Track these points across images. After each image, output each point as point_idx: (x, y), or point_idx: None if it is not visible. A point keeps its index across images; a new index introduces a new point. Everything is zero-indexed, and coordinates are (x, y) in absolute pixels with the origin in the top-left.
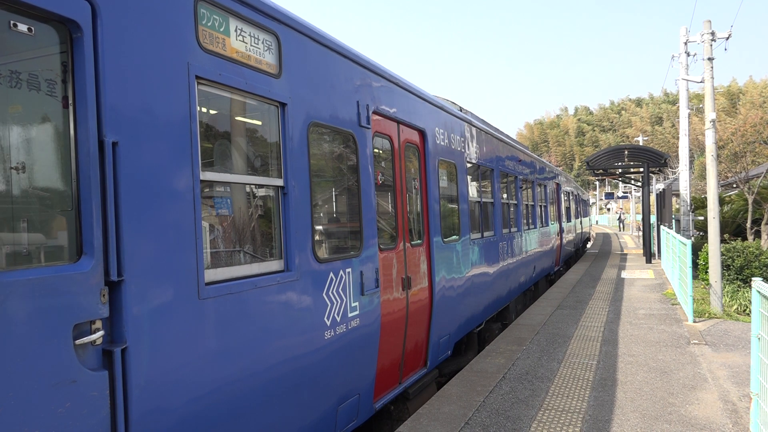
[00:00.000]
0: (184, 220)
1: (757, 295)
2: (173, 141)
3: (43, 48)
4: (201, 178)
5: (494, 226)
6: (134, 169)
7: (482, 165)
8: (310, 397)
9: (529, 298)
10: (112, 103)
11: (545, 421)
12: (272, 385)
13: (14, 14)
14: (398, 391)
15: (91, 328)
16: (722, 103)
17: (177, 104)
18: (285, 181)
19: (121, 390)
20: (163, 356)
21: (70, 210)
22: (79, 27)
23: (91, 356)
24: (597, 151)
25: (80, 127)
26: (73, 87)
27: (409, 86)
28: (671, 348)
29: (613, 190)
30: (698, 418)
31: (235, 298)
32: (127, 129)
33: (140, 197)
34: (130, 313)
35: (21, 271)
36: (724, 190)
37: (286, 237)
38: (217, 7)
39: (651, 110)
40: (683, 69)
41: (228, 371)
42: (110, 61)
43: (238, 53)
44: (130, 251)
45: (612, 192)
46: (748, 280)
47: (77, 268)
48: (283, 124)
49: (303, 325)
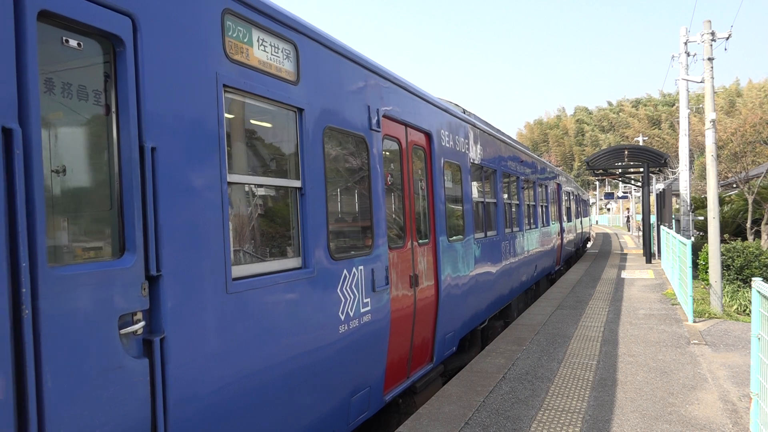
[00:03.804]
0: (214, 219)
1: (757, 295)
2: (203, 146)
3: (90, 61)
4: (228, 180)
5: (497, 226)
6: (170, 173)
7: (485, 166)
8: (326, 387)
9: (530, 296)
10: (151, 111)
11: (545, 421)
12: (292, 374)
13: (66, 31)
14: (406, 384)
15: (133, 319)
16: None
17: (207, 111)
18: (302, 183)
19: (160, 376)
20: (195, 346)
21: (114, 210)
22: (121, 41)
23: (134, 345)
24: (597, 151)
25: (122, 133)
26: (116, 96)
27: (416, 90)
28: (671, 348)
29: (613, 190)
30: (698, 418)
31: (259, 293)
32: (164, 135)
33: (175, 198)
34: (167, 306)
35: (73, 266)
36: (724, 190)
37: (303, 235)
38: (241, 19)
39: (648, 112)
40: (683, 69)
41: (253, 361)
42: (149, 72)
43: (260, 62)
44: (166, 248)
45: (612, 192)
46: (748, 280)
47: (121, 263)
48: (300, 129)
49: (320, 319)
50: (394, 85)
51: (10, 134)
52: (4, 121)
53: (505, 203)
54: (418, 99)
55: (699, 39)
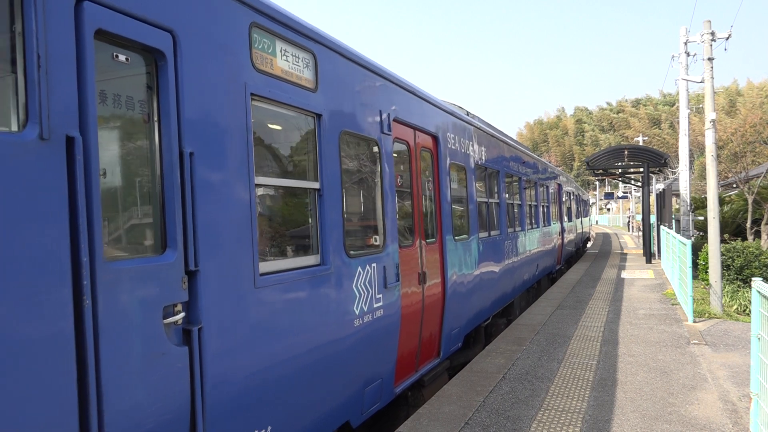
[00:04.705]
0: (243, 218)
1: (757, 295)
2: (234, 150)
3: (135, 73)
4: (255, 182)
5: (500, 226)
6: (205, 176)
7: (489, 167)
8: (342, 377)
9: (532, 295)
10: (189, 119)
11: (545, 421)
12: (312, 365)
13: (117, 47)
14: (415, 378)
15: (174, 310)
16: (721, 103)
17: (237, 118)
18: (321, 184)
19: (198, 363)
20: (228, 336)
21: (157, 210)
22: (163, 55)
23: (175, 334)
24: (597, 151)
25: (164, 139)
26: (158, 105)
27: (423, 94)
28: (671, 348)
29: (613, 190)
30: (698, 418)
31: (283, 288)
32: (200, 141)
33: (210, 199)
34: (203, 298)
35: (124, 261)
36: (724, 190)
37: (322, 234)
38: (266, 31)
39: (649, 111)
40: (683, 69)
41: (277, 351)
42: (187, 82)
43: (283, 71)
44: (203, 245)
45: (612, 192)
46: (748, 280)
47: (164, 259)
48: (319, 133)
49: (337, 313)
50: (403, 90)
51: (72, 142)
52: (67, 129)
53: (508, 203)
54: (426, 103)
55: (699, 39)
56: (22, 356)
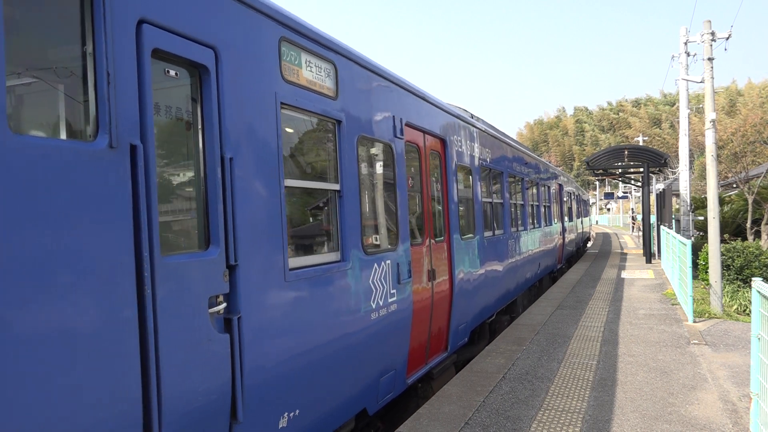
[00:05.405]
0: (275, 217)
1: (757, 295)
2: (266, 155)
3: (183, 86)
4: (285, 185)
5: (504, 225)
6: (242, 178)
7: (493, 168)
8: (360, 366)
9: (534, 294)
10: (228, 127)
11: (545, 421)
12: (334, 354)
13: (168, 63)
14: (425, 370)
15: (217, 301)
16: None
17: (268, 126)
18: (341, 186)
19: (238, 349)
20: (263, 325)
21: (201, 210)
22: (207, 69)
23: (217, 322)
24: (597, 151)
25: (207, 146)
26: (202, 115)
27: (432, 99)
28: (671, 348)
29: (613, 190)
30: (698, 418)
31: (309, 282)
32: (238, 147)
33: (246, 200)
34: (242, 291)
35: (177, 255)
36: (724, 190)
37: (342, 232)
38: (293, 45)
39: (649, 111)
40: (683, 69)
41: (305, 340)
42: (227, 94)
43: (308, 81)
44: (241, 242)
45: (612, 192)
46: (748, 280)
47: (209, 254)
48: (339, 138)
49: (356, 306)
50: (414, 95)
51: (135, 150)
52: (131, 138)
53: (511, 203)
54: (434, 107)
55: (699, 39)
56: (99, 338)
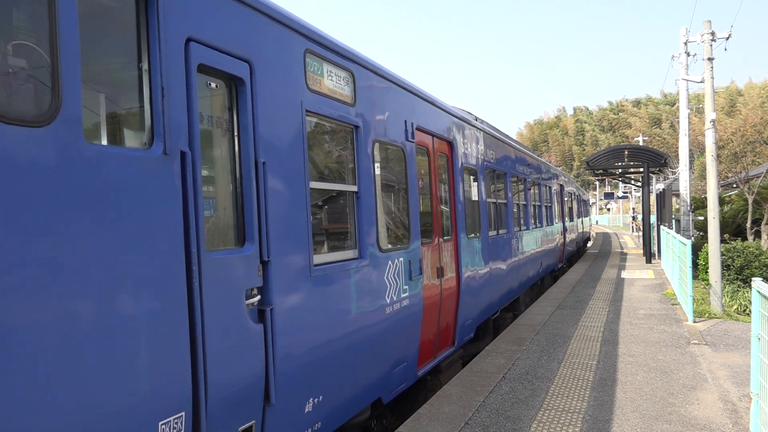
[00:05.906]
0: (301, 217)
1: (757, 295)
2: (294, 159)
3: (221, 96)
4: (310, 187)
5: (507, 225)
6: (274, 181)
7: (496, 169)
8: (376, 358)
9: (535, 292)
10: (261, 133)
11: (545, 421)
12: (353, 345)
13: (210, 76)
14: (434, 363)
15: (252, 294)
16: (721, 103)
17: (295, 132)
18: (358, 187)
19: (271, 338)
20: (291, 317)
21: (238, 210)
22: (243, 81)
23: (252, 314)
24: (597, 151)
25: (243, 152)
26: (238, 122)
27: (440, 104)
28: (671, 348)
29: (613, 190)
30: (698, 418)
31: (331, 277)
32: (270, 152)
33: (277, 201)
34: (274, 284)
35: (219, 251)
36: (724, 190)
37: (359, 231)
38: (316, 56)
39: (649, 111)
40: (683, 69)
41: (327, 331)
42: (260, 103)
43: (329, 89)
44: (273, 240)
45: (612, 192)
46: (748, 280)
47: (245, 251)
48: (356, 143)
49: (372, 300)
50: (423, 100)
51: (184, 156)
52: (181, 146)
53: (514, 204)
54: (442, 111)
55: (699, 39)
56: (159, 325)
